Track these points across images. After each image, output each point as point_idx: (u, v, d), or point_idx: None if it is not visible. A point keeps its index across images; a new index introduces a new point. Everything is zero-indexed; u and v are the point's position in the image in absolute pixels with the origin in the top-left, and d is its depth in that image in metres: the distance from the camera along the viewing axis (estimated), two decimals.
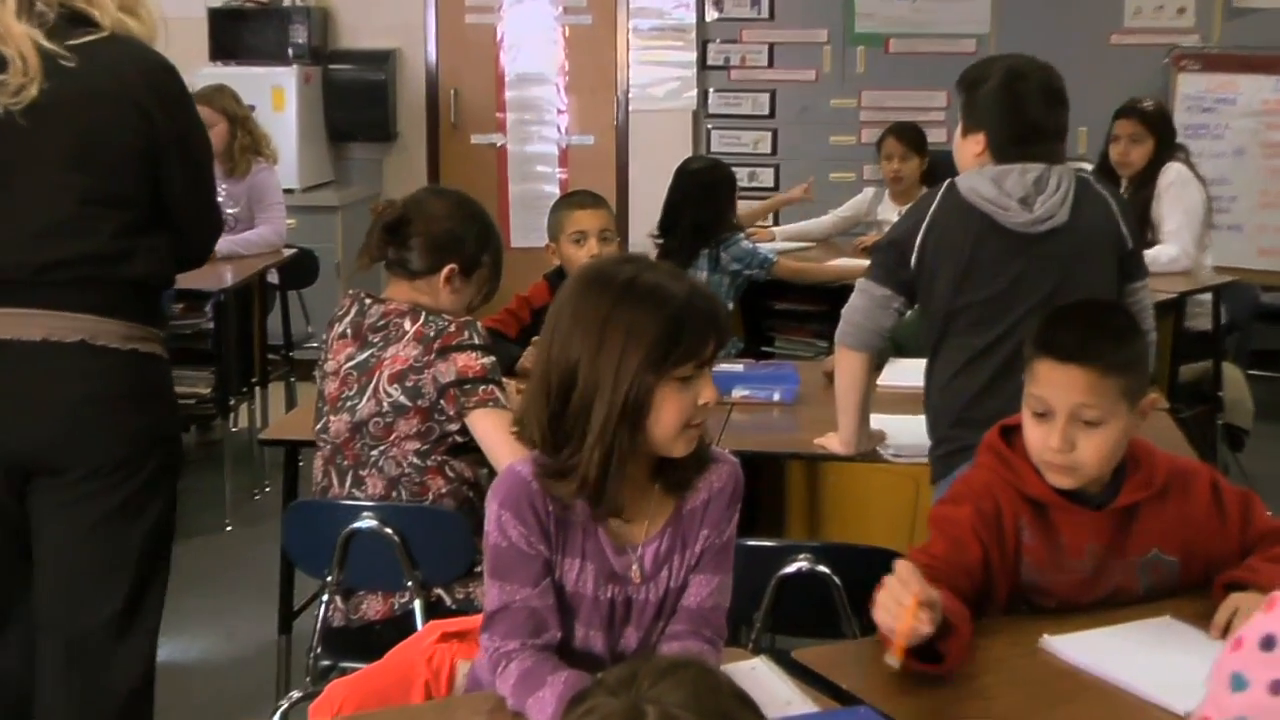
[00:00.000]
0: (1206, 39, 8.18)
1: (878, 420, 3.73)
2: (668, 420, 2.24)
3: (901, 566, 2.27)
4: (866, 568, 2.48)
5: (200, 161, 3.18)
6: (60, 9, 2.96)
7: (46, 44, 2.90)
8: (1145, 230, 5.79)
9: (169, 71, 3.06)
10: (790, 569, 3.00)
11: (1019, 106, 3.51)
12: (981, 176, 3.47)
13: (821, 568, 2.98)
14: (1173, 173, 5.96)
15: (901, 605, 2.20)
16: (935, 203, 3.51)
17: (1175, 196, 5.88)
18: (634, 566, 2.35)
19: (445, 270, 3.41)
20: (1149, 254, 5.67)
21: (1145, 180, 5.96)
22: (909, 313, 4.60)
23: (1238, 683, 1.70)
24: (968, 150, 3.58)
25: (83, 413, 2.97)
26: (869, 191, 7.10)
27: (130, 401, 3.01)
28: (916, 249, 3.48)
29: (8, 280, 2.94)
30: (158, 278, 3.10)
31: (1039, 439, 2.50)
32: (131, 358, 3.03)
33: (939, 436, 3.48)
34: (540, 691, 2.20)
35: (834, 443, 3.67)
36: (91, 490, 2.97)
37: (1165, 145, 6.06)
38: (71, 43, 2.92)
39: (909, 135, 6.82)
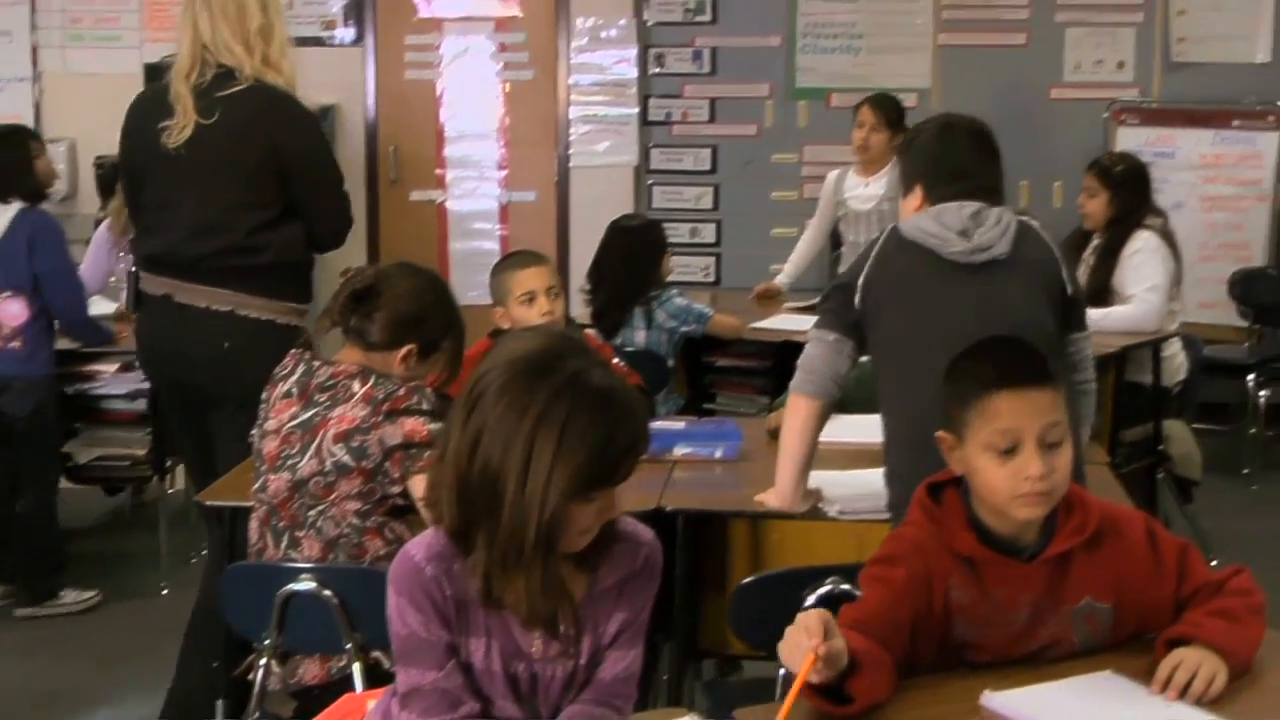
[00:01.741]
0: (1146, 93, 8.27)
1: (820, 476, 3.70)
2: (572, 535, 2.19)
3: (812, 616, 2.23)
4: None
5: (317, 175, 4.45)
6: (217, 68, 4.27)
7: (197, 99, 4.24)
8: (1108, 296, 5.79)
9: (292, 109, 4.40)
10: (823, 590, 3.07)
11: (948, 151, 3.56)
12: (922, 215, 3.49)
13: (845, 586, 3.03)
14: (1139, 241, 5.91)
15: (802, 651, 2.17)
16: (878, 244, 3.52)
17: (1136, 266, 5.82)
18: (537, 643, 2.30)
19: (404, 349, 3.38)
20: (1115, 312, 5.72)
21: (1111, 246, 5.91)
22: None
23: None
24: (909, 208, 3.59)
25: (229, 361, 4.22)
26: (831, 175, 7.02)
27: (263, 357, 3.65)
28: (860, 288, 3.47)
29: (180, 265, 4.31)
30: (291, 263, 4.40)
31: (1008, 477, 2.46)
32: (269, 326, 4.30)
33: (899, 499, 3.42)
34: None
35: (772, 498, 3.63)
36: (243, 419, 3.69)
37: (1127, 204, 6.01)
38: (220, 94, 4.25)
39: (884, 106, 6.79)
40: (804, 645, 2.18)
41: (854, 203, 6.75)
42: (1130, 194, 6.02)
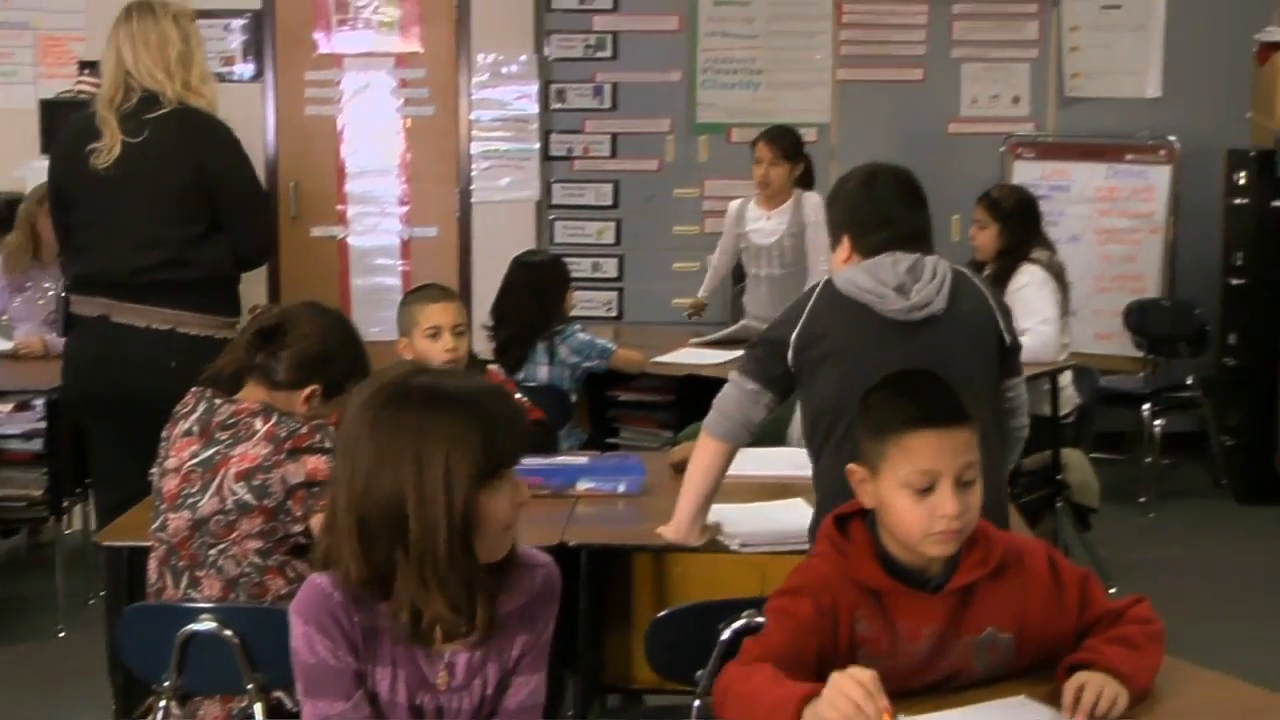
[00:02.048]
0: (1041, 127, 8.39)
1: (724, 510, 3.70)
2: (495, 527, 2.21)
3: (865, 677, 2.23)
4: None
5: (241, 194, 4.66)
6: (142, 93, 4.52)
7: (123, 121, 4.48)
8: None
9: (215, 130, 4.64)
10: (739, 624, 3.05)
11: (872, 200, 3.51)
12: (856, 269, 3.44)
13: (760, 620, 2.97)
14: (1025, 276, 5.94)
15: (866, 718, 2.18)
16: (812, 299, 3.46)
17: (1025, 300, 5.84)
18: (443, 675, 2.30)
19: (308, 389, 3.35)
20: None
21: (999, 278, 5.90)
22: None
23: None
24: (838, 260, 3.56)
25: (173, 378, 3.84)
26: (733, 205, 7.01)
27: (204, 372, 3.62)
28: (793, 345, 3.42)
29: (117, 283, 4.51)
30: (221, 278, 4.65)
31: (923, 516, 2.47)
32: (207, 341, 4.41)
33: None
34: None
35: (669, 531, 3.63)
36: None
37: (1016, 236, 6.05)
38: (147, 116, 4.49)
39: (779, 140, 6.77)
40: (868, 712, 2.18)
41: (756, 236, 6.76)
42: (1019, 226, 6.06)
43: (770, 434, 4.33)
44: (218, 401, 3.34)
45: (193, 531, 3.26)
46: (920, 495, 2.48)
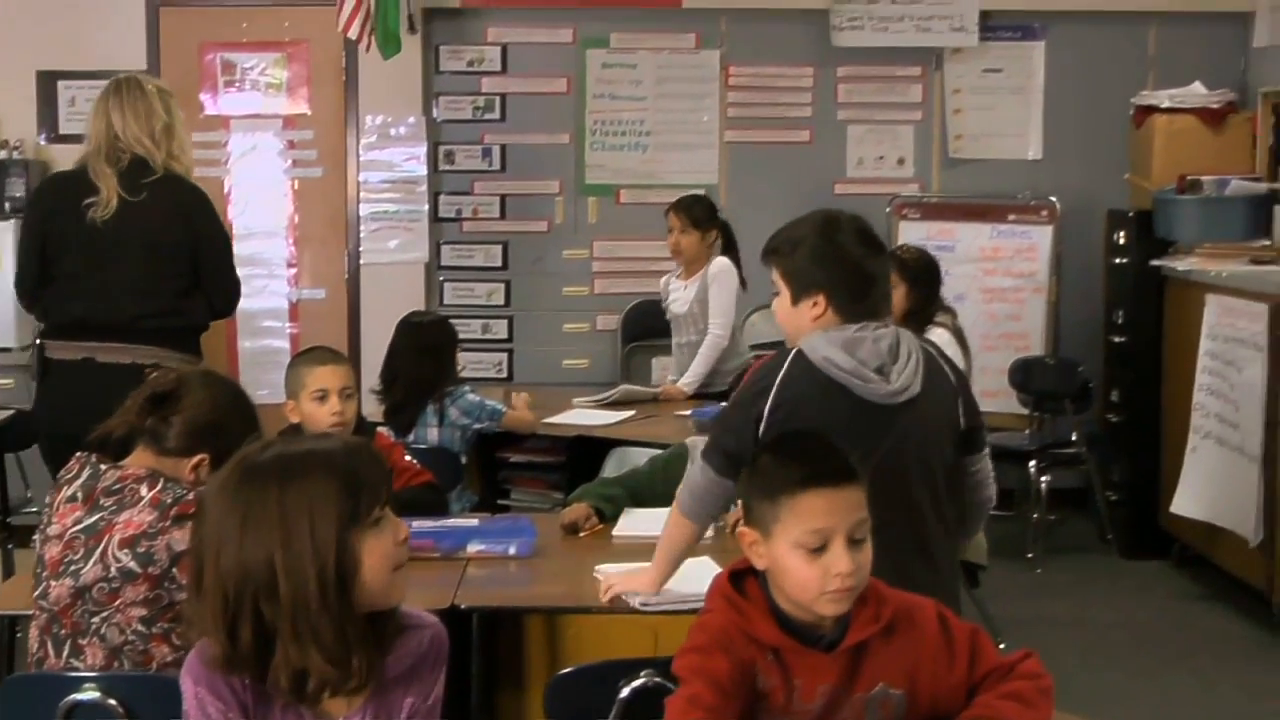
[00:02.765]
0: (926, 188, 8.51)
1: (624, 570, 3.70)
2: (377, 566, 2.21)
3: None
4: None
5: (219, 251, 5.22)
6: (131, 157, 5.00)
7: (120, 178, 4.95)
8: None
9: (200, 195, 5.19)
10: (638, 683, 3.04)
11: (845, 256, 3.42)
12: (831, 345, 3.34)
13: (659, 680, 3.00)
14: (933, 338, 5.81)
15: None
16: (782, 374, 3.37)
17: None
18: None
19: (196, 458, 3.31)
20: None
21: None
22: (646, 461, 4.59)
23: None
24: (802, 316, 3.44)
25: None
26: (661, 280, 7.09)
27: None
28: (766, 418, 3.33)
29: (106, 326, 4.96)
30: (199, 325, 5.23)
31: (817, 575, 2.48)
32: None
33: None
34: None
35: (637, 582, 3.59)
36: None
37: (924, 298, 5.93)
38: (143, 180, 4.97)
39: (689, 209, 6.82)
40: None
41: (675, 305, 6.84)
42: (925, 287, 5.97)
43: (664, 493, 4.35)
44: (103, 467, 3.30)
45: (75, 599, 3.20)
46: (813, 555, 2.48)
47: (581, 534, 4.30)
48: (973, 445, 3.51)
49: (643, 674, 3.08)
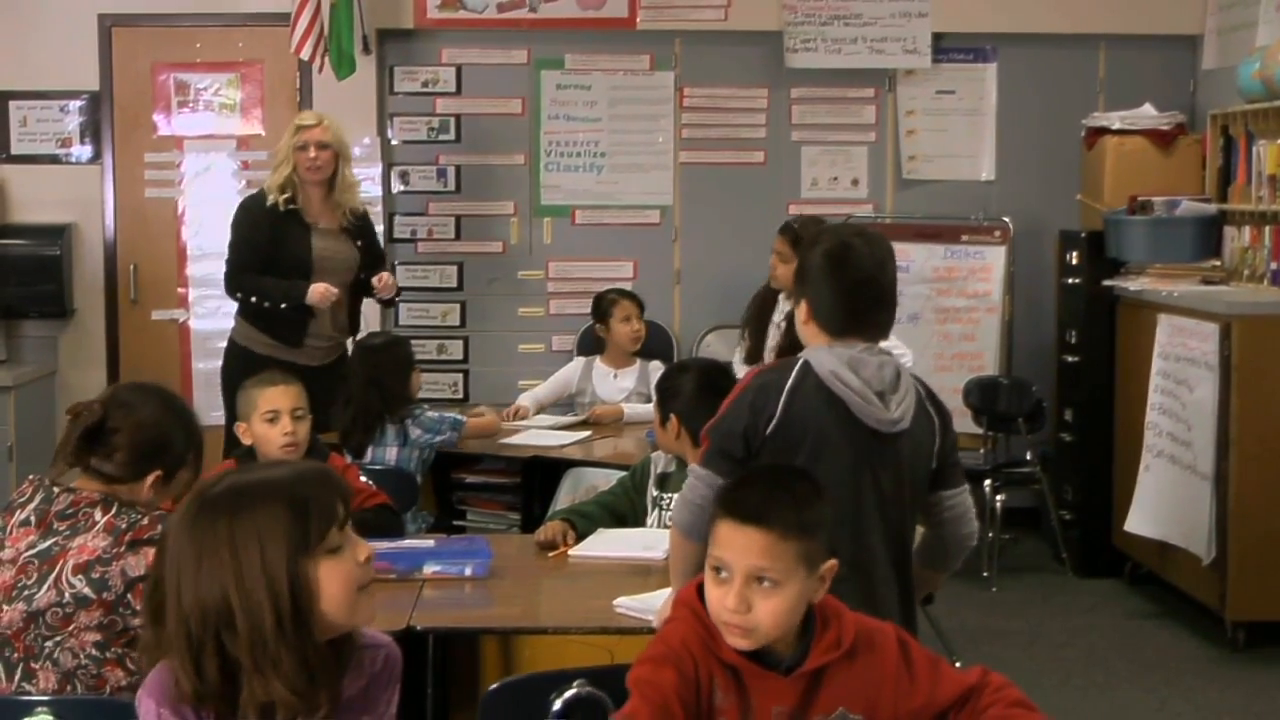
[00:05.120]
0: (880, 209, 8.55)
1: (634, 601, 3.69)
2: (337, 592, 2.21)
3: None
4: None
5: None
6: None
7: None
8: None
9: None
10: (570, 693, 3.02)
11: (835, 270, 3.41)
12: (838, 361, 3.31)
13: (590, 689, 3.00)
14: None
15: None
16: (791, 380, 3.33)
17: None
18: None
19: (150, 478, 3.29)
20: None
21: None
22: (622, 476, 4.57)
23: None
24: (801, 315, 3.46)
25: None
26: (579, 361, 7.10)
27: None
28: (774, 426, 3.29)
29: None
30: None
31: (717, 599, 2.52)
32: None
33: None
34: None
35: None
36: None
37: None
38: None
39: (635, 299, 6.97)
40: None
41: (603, 393, 6.85)
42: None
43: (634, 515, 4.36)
44: (55, 490, 3.27)
45: (28, 624, 3.18)
46: (719, 580, 2.54)
47: (557, 552, 4.26)
48: (944, 481, 3.48)
49: (575, 684, 3.07)
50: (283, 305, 6.34)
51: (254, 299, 6.41)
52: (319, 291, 6.25)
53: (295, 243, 6.38)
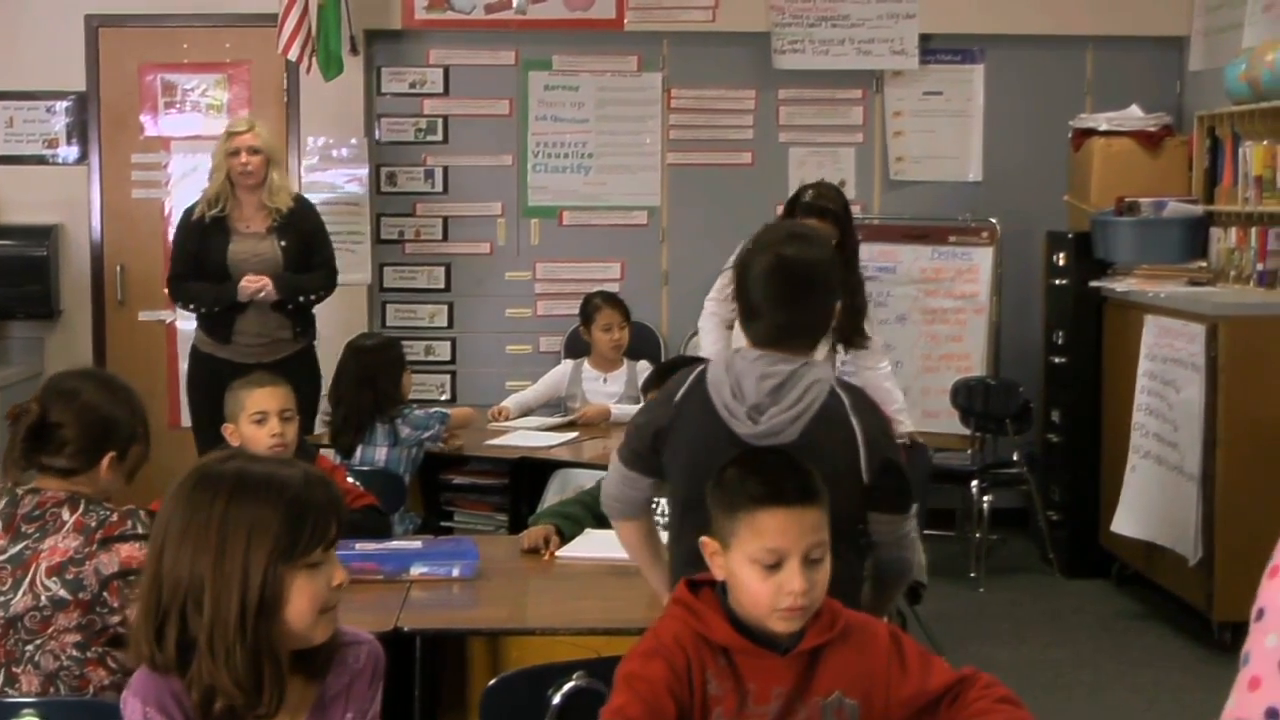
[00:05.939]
0: (867, 210, 8.54)
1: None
2: (303, 608, 2.22)
3: None
4: None
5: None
6: None
7: None
8: None
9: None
10: (569, 685, 3.03)
11: (758, 276, 3.34)
12: (728, 373, 3.28)
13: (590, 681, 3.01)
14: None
15: None
16: (684, 389, 3.34)
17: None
18: None
19: (105, 460, 3.28)
20: None
21: None
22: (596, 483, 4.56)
23: None
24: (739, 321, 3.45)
25: None
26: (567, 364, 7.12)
27: None
28: (668, 432, 3.32)
29: None
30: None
31: (771, 591, 2.51)
32: None
33: None
34: None
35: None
36: None
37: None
38: None
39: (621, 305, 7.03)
40: None
41: (592, 397, 6.85)
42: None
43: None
44: (19, 492, 3.25)
45: (7, 629, 3.17)
46: (768, 571, 2.52)
47: (544, 556, 4.24)
48: (874, 502, 3.30)
49: (575, 676, 3.08)
50: (216, 308, 6.58)
51: (191, 305, 6.75)
52: (248, 284, 6.45)
53: (215, 250, 6.54)
